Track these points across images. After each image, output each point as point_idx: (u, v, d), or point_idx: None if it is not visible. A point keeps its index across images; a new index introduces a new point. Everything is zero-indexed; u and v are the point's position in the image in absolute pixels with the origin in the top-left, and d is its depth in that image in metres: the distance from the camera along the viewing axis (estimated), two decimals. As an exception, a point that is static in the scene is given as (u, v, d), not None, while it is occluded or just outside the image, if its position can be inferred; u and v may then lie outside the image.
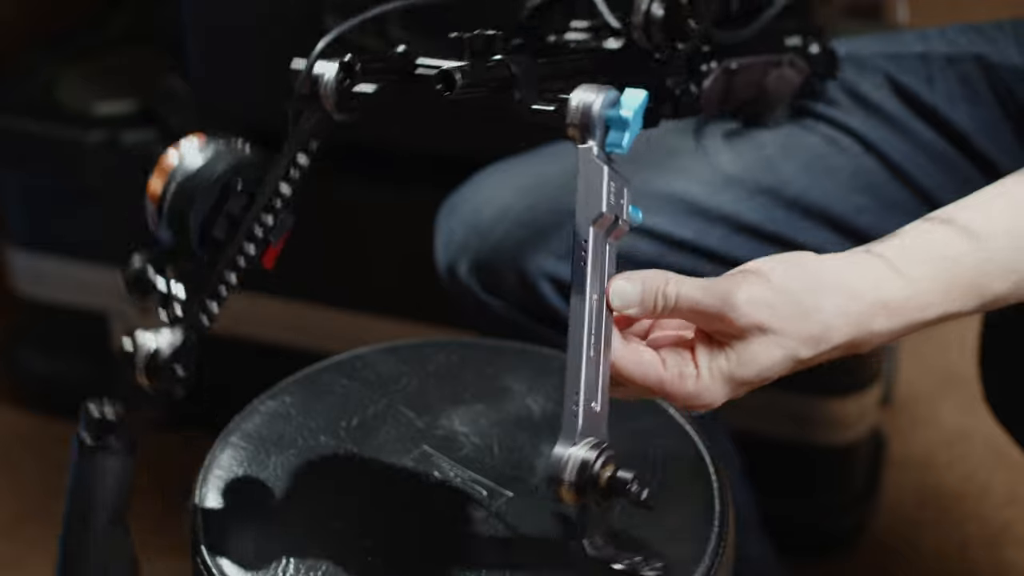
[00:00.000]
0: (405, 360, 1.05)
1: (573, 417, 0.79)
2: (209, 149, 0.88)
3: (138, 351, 0.87)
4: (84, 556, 0.90)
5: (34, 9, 1.94)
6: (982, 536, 1.69)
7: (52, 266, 1.77)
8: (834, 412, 1.60)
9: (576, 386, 0.79)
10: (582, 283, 0.80)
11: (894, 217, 1.17)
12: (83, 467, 0.89)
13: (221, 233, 0.88)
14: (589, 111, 0.81)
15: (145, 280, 0.89)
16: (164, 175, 0.88)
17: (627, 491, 0.77)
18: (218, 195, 0.88)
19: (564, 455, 0.78)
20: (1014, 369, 1.24)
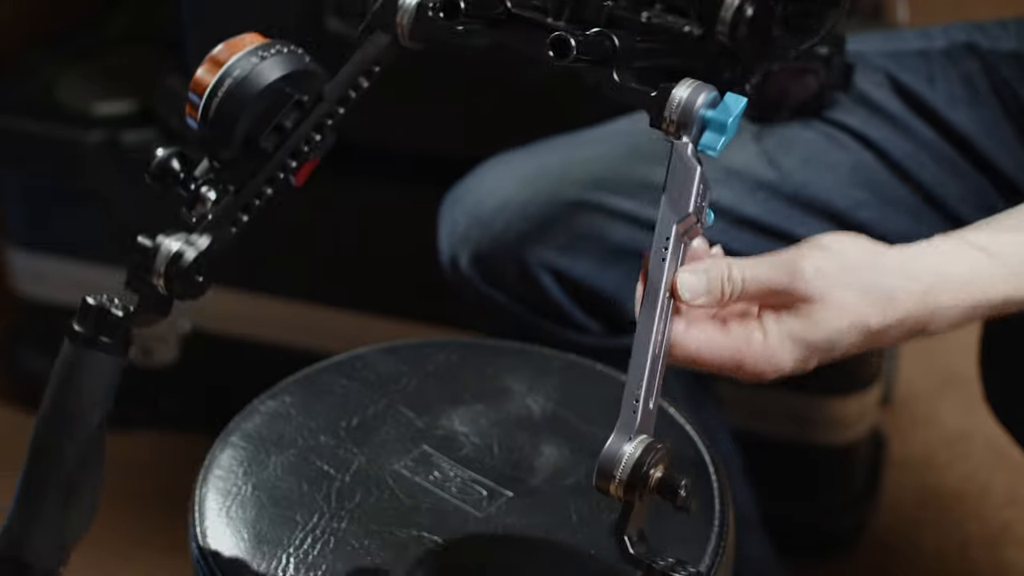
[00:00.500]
0: (405, 360, 1.05)
1: (632, 414, 0.78)
2: (268, 53, 0.84)
3: (159, 251, 0.83)
4: (58, 456, 0.86)
5: (34, 9, 1.94)
6: (982, 536, 1.69)
7: (52, 266, 1.77)
8: (834, 412, 1.60)
9: (639, 382, 0.78)
10: (658, 280, 0.79)
11: (894, 213, 1.17)
12: (72, 360, 0.85)
13: (269, 144, 0.85)
14: (691, 108, 0.79)
15: (170, 171, 0.85)
16: (216, 68, 0.83)
17: (676, 494, 0.77)
18: (271, 103, 0.84)
19: (619, 452, 0.78)
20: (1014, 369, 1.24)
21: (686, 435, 1.00)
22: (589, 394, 1.03)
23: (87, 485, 0.87)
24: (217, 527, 0.92)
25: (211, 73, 0.83)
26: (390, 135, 1.61)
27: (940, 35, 1.21)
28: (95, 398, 0.85)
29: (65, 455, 0.86)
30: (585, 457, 0.97)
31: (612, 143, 1.22)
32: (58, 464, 0.86)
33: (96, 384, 0.85)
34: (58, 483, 0.86)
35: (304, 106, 0.86)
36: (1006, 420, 1.23)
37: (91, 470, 0.87)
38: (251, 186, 0.85)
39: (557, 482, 0.95)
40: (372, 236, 1.65)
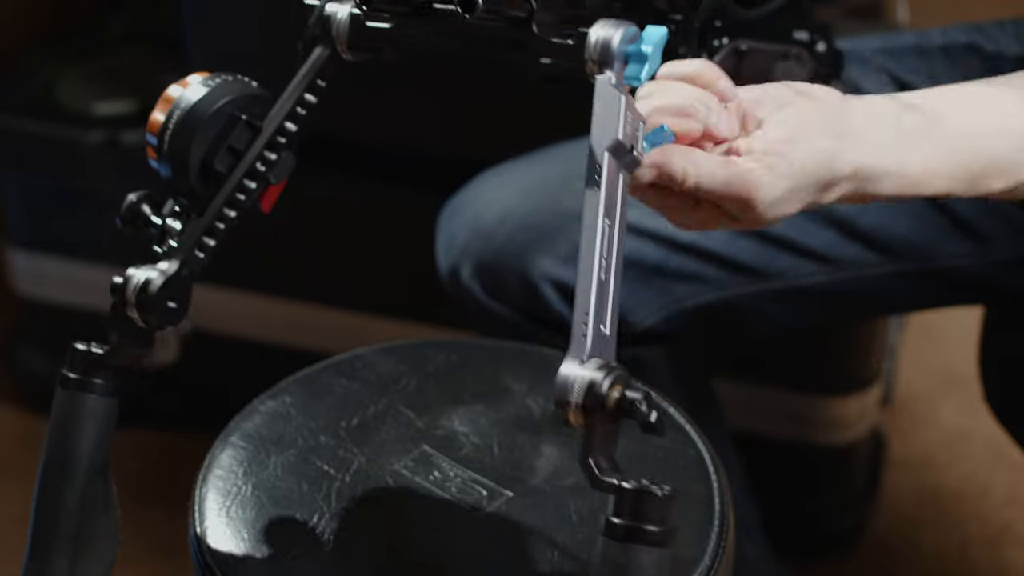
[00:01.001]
0: (405, 360, 1.05)
1: (582, 337, 0.77)
2: (214, 82, 0.87)
3: (128, 283, 0.85)
4: (61, 504, 0.87)
5: (34, 9, 1.94)
6: (982, 536, 1.69)
7: (52, 266, 1.77)
8: (834, 412, 1.61)
9: (586, 307, 0.78)
10: (594, 209, 0.80)
11: (900, 218, 1.17)
12: (64, 407, 0.87)
13: (223, 166, 0.87)
14: (609, 45, 0.80)
15: (140, 215, 0.88)
16: (166, 106, 0.86)
17: (636, 412, 0.75)
18: (222, 127, 0.86)
19: (571, 376, 0.76)
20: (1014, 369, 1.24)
21: (686, 435, 1.00)
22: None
23: (97, 532, 0.89)
24: (217, 527, 0.92)
25: (162, 112, 0.86)
26: (390, 136, 1.61)
27: (939, 35, 1.21)
28: (93, 442, 0.87)
29: (67, 503, 0.87)
30: (585, 457, 0.97)
31: None
32: (62, 513, 0.87)
33: (91, 428, 0.88)
34: (65, 532, 0.87)
35: (254, 127, 0.88)
36: (1006, 420, 1.23)
37: (100, 517, 0.89)
38: (211, 208, 0.87)
39: (557, 482, 0.95)
40: (372, 237, 1.65)
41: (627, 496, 0.74)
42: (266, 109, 0.88)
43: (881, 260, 1.18)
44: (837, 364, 1.60)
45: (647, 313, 1.19)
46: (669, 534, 0.74)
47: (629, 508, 0.73)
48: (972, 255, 1.17)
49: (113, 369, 0.88)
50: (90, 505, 0.88)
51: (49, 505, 0.88)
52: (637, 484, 0.74)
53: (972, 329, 1.30)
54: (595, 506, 0.93)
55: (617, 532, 0.73)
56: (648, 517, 0.73)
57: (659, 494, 0.73)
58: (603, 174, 0.80)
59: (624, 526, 0.73)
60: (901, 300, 1.24)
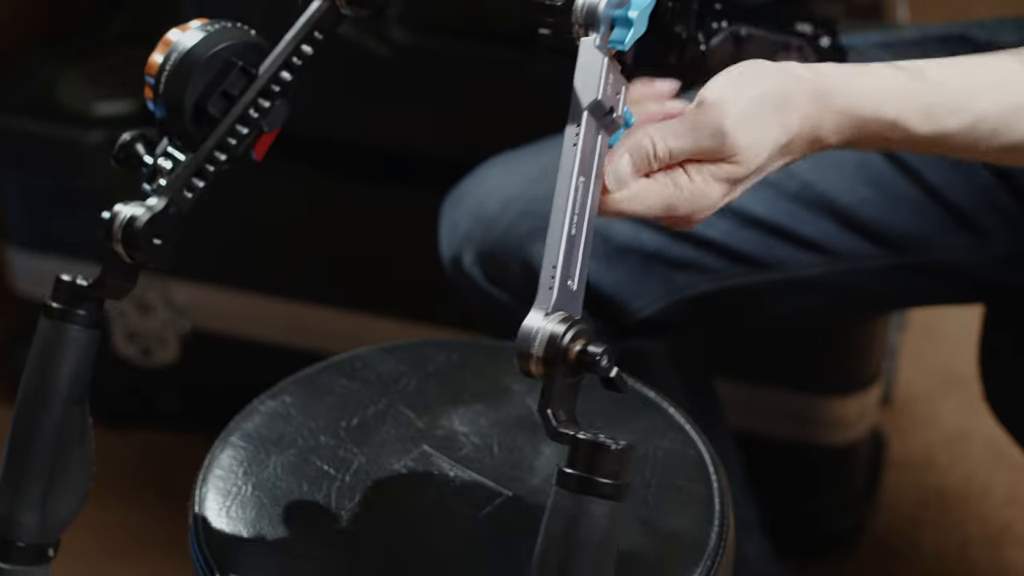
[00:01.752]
0: (405, 360, 1.05)
1: (547, 290, 0.78)
2: (212, 28, 0.88)
3: (116, 218, 0.87)
4: (37, 433, 0.88)
5: (34, 9, 1.94)
6: (982, 536, 1.69)
7: (52, 266, 1.77)
8: (834, 412, 1.61)
9: (553, 259, 0.79)
10: (570, 164, 0.81)
11: (899, 211, 1.17)
12: (46, 336, 0.88)
13: (216, 110, 0.88)
14: (595, 8, 0.82)
15: (134, 154, 0.89)
16: (165, 48, 0.87)
17: (596, 366, 0.75)
18: (217, 71, 0.87)
19: (533, 328, 0.76)
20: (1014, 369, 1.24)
21: (686, 435, 1.00)
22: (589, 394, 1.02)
23: (72, 463, 0.89)
24: (217, 527, 0.92)
25: (161, 53, 0.87)
26: (390, 136, 1.61)
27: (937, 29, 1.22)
28: (72, 371, 0.88)
29: (46, 430, 0.88)
30: (585, 457, 0.97)
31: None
32: (40, 440, 0.88)
33: (72, 357, 0.88)
34: (41, 459, 0.88)
35: (249, 74, 0.89)
36: (1006, 420, 1.23)
37: (75, 448, 0.90)
38: (203, 150, 0.88)
39: (557, 482, 0.95)
40: (372, 236, 1.65)
41: (582, 447, 0.74)
42: (262, 58, 0.89)
43: (880, 253, 1.18)
44: (837, 364, 1.60)
45: (647, 302, 1.19)
46: (622, 488, 0.74)
47: (583, 460, 0.74)
48: (970, 249, 1.17)
49: (96, 301, 0.89)
50: (66, 435, 0.89)
51: (25, 433, 0.88)
52: (592, 436, 0.74)
53: (972, 329, 1.30)
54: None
55: (569, 482, 0.73)
56: (601, 470, 0.73)
57: (613, 447, 0.73)
58: (581, 131, 0.81)
59: (577, 477, 0.73)
60: (899, 294, 1.25)
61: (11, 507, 0.89)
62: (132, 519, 1.68)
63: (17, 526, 0.89)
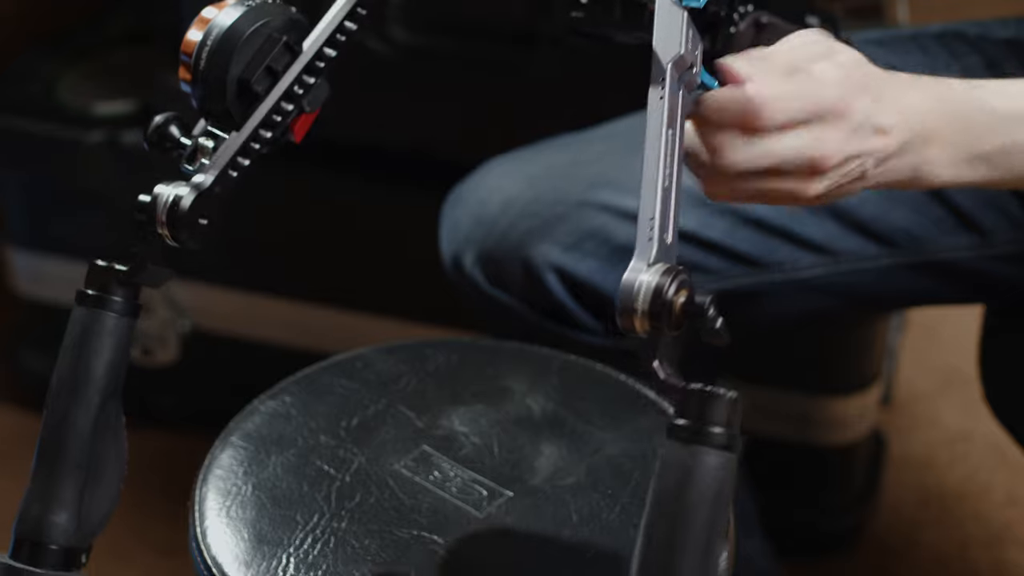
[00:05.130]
0: (405, 360, 1.05)
1: (648, 241, 0.76)
2: (252, 2, 0.86)
3: (158, 199, 0.84)
4: (73, 428, 0.83)
5: (34, 9, 1.94)
6: (982, 536, 1.69)
7: (52, 266, 1.77)
8: (834, 412, 1.61)
9: (651, 212, 0.77)
10: (658, 118, 0.80)
11: (900, 210, 1.17)
12: (80, 324, 0.84)
13: (261, 87, 0.85)
14: None
15: (168, 136, 0.86)
16: (203, 26, 0.85)
17: (703, 317, 0.74)
18: (260, 46, 0.85)
19: (636, 281, 0.75)
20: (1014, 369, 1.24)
21: (686, 435, 0.99)
22: (589, 394, 1.03)
23: (107, 460, 0.85)
24: (217, 527, 0.92)
25: (199, 30, 0.85)
26: (390, 136, 1.61)
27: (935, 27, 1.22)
28: (109, 361, 0.84)
29: (80, 424, 0.83)
30: (585, 457, 0.97)
31: (616, 142, 1.22)
32: (74, 434, 0.83)
33: (108, 346, 0.84)
34: (76, 455, 0.84)
35: (293, 50, 0.87)
36: (1006, 420, 1.23)
37: (111, 444, 0.85)
38: (247, 127, 0.86)
39: (557, 482, 0.95)
40: (372, 236, 1.65)
41: (693, 397, 0.72)
42: (303, 34, 0.87)
43: (880, 252, 1.18)
44: (837, 364, 1.60)
45: None
46: (734, 438, 0.73)
47: (695, 409, 0.72)
48: (972, 248, 1.17)
49: (133, 288, 0.85)
50: (102, 429, 0.84)
51: (59, 427, 0.84)
52: (702, 386, 0.72)
53: (972, 329, 1.30)
54: (595, 506, 0.93)
55: (682, 433, 0.72)
56: (714, 418, 0.72)
57: (725, 395, 0.72)
58: (666, 85, 0.81)
59: (690, 427, 0.72)
60: (900, 294, 1.25)
61: (43, 506, 0.84)
62: (132, 519, 1.68)
63: (50, 527, 0.83)
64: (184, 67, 0.85)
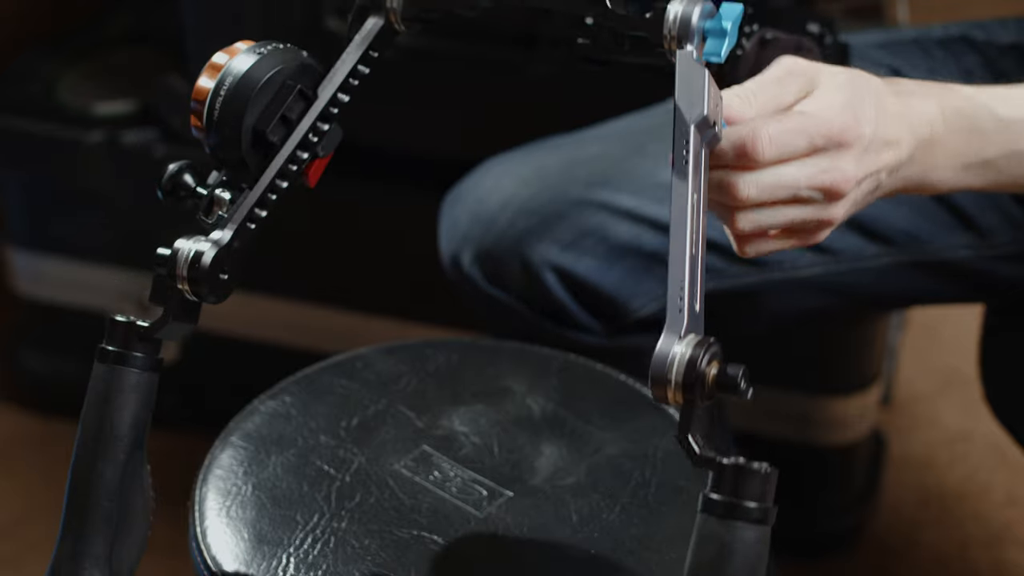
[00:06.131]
0: (405, 360, 1.05)
1: (678, 312, 0.77)
2: (264, 50, 0.84)
3: (179, 254, 0.83)
4: (100, 482, 0.83)
5: (34, 9, 1.94)
6: (982, 536, 1.69)
7: (52, 266, 1.77)
8: (834, 412, 1.61)
9: (680, 282, 0.78)
10: (684, 184, 0.80)
11: (900, 209, 1.17)
12: (102, 381, 0.83)
13: (276, 136, 0.84)
14: (689, 20, 0.81)
15: (183, 185, 0.85)
16: (214, 73, 0.83)
17: (736, 388, 0.76)
18: (274, 95, 0.84)
19: (669, 353, 0.76)
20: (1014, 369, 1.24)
21: (686, 435, 1.00)
22: (589, 394, 1.03)
23: (135, 512, 0.85)
24: (217, 527, 0.92)
25: (211, 78, 0.84)
26: (390, 136, 1.61)
27: (938, 30, 1.22)
28: (132, 416, 0.84)
29: (107, 481, 0.83)
30: (585, 457, 0.97)
31: (615, 141, 1.22)
32: (101, 491, 0.83)
33: (132, 402, 0.84)
34: (104, 512, 0.83)
35: (307, 96, 0.86)
36: (1006, 420, 1.23)
37: (137, 496, 0.85)
38: (263, 179, 0.85)
39: (557, 482, 0.95)
40: (372, 236, 1.65)
41: (727, 472, 0.73)
42: (315, 79, 0.86)
43: (880, 251, 1.18)
44: (837, 364, 1.60)
45: (645, 300, 1.19)
46: (769, 511, 0.73)
47: (729, 485, 0.73)
48: (971, 247, 1.17)
49: (155, 342, 0.84)
50: (128, 483, 0.84)
51: (87, 483, 0.83)
52: (736, 461, 0.73)
53: (972, 329, 1.30)
54: (595, 506, 0.93)
55: (717, 508, 0.73)
56: (748, 493, 0.73)
57: (759, 470, 0.73)
58: (690, 149, 0.80)
59: (724, 502, 0.73)
60: (900, 293, 1.25)
61: (75, 564, 0.83)
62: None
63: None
64: (195, 115, 0.84)
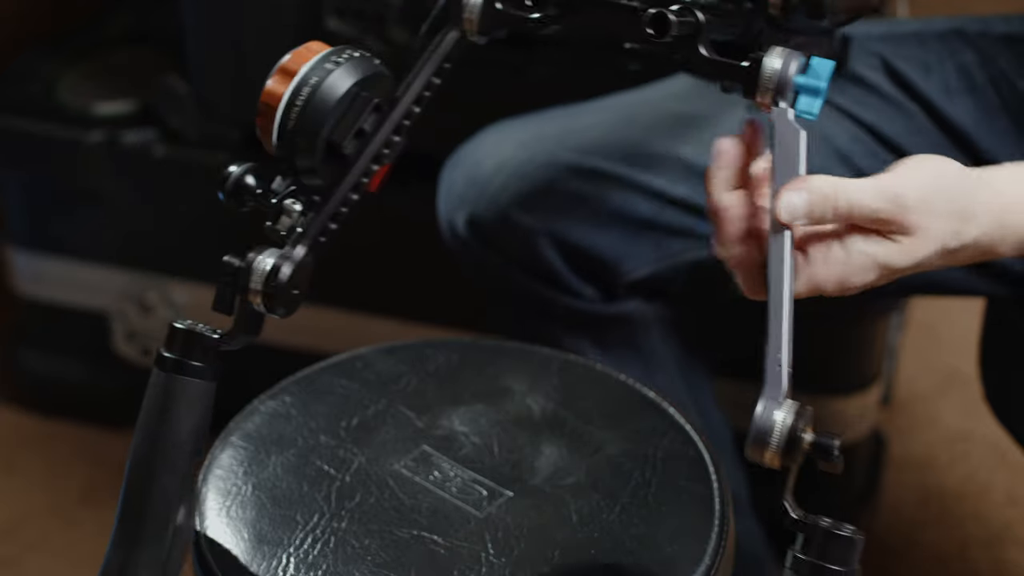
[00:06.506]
0: (405, 360, 1.05)
1: (778, 378, 0.80)
2: (342, 58, 0.82)
3: (254, 268, 0.81)
4: (158, 489, 0.82)
5: (34, 9, 1.94)
6: (982, 536, 1.69)
7: (52, 266, 1.77)
8: (834, 412, 1.60)
9: (779, 348, 0.81)
10: (781, 247, 0.81)
11: None
12: (163, 389, 0.82)
13: (351, 149, 0.83)
14: (787, 76, 0.81)
15: (247, 188, 0.83)
16: (287, 79, 0.81)
17: (830, 457, 0.80)
18: (352, 106, 0.82)
19: (771, 419, 0.80)
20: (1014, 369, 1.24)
21: (686, 435, 1.00)
22: (589, 394, 1.03)
23: (188, 518, 0.84)
24: (217, 527, 0.92)
25: (284, 84, 0.82)
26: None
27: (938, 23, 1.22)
28: (193, 426, 0.83)
29: (166, 487, 0.82)
30: (585, 457, 0.97)
31: (609, 112, 1.24)
32: (159, 498, 0.82)
33: (191, 412, 0.83)
34: (161, 519, 0.82)
35: (381, 108, 0.84)
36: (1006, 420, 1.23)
37: (188, 502, 0.84)
38: (338, 193, 0.83)
39: (557, 482, 0.95)
40: (372, 236, 1.65)
41: (817, 535, 0.78)
42: (388, 90, 0.85)
43: None
44: (837, 364, 1.60)
45: (637, 264, 1.20)
46: (854, 573, 0.78)
47: (817, 548, 0.78)
48: None
49: (220, 354, 0.84)
50: (185, 492, 0.83)
51: (145, 491, 0.82)
52: (827, 526, 0.78)
53: (972, 329, 1.30)
54: (595, 506, 0.93)
55: (803, 569, 0.78)
56: (834, 558, 0.78)
57: (848, 536, 0.78)
58: None
59: (810, 564, 0.78)
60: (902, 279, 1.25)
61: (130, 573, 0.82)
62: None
63: None
64: (265, 117, 0.82)
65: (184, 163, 1.66)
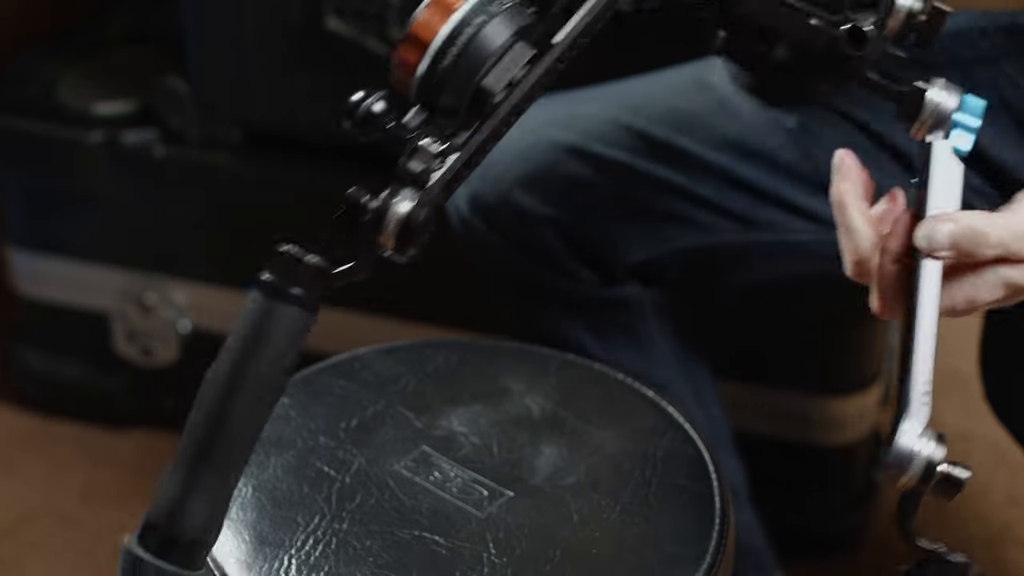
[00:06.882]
0: (404, 361, 1.05)
1: (922, 408, 0.82)
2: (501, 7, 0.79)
3: (390, 211, 0.79)
4: (232, 420, 0.76)
5: (34, 9, 1.94)
6: (982, 536, 1.69)
7: (52, 266, 1.77)
8: (834, 412, 1.60)
9: (925, 378, 0.82)
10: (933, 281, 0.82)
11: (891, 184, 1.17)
12: (260, 314, 0.78)
13: (501, 99, 0.79)
14: (947, 111, 0.82)
15: (375, 117, 0.80)
16: (444, 14, 0.78)
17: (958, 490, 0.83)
18: (509, 57, 0.79)
19: (912, 450, 0.82)
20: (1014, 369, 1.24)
21: (686, 434, 1.00)
22: (588, 394, 1.03)
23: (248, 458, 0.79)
24: (217, 527, 0.92)
25: (440, 19, 0.78)
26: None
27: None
28: (288, 359, 0.79)
29: (241, 419, 0.77)
30: (585, 456, 0.97)
31: (614, 100, 1.25)
32: (232, 428, 0.77)
33: (285, 343, 0.79)
34: (228, 450, 0.77)
35: (531, 61, 0.81)
36: (1006, 420, 1.23)
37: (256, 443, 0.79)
38: (476, 140, 0.80)
39: (557, 482, 0.95)
40: (372, 236, 1.65)
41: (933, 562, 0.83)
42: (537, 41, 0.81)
43: None
44: (837, 364, 1.60)
45: (634, 248, 1.21)
46: None
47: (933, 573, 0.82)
48: None
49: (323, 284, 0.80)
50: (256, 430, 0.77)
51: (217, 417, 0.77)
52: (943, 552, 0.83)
53: (972, 329, 1.29)
54: (595, 506, 0.93)
55: None
56: None
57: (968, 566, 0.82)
58: None
59: None
60: None
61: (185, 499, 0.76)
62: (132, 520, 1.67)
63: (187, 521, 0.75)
64: (412, 49, 0.78)
65: (184, 163, 1.66)
